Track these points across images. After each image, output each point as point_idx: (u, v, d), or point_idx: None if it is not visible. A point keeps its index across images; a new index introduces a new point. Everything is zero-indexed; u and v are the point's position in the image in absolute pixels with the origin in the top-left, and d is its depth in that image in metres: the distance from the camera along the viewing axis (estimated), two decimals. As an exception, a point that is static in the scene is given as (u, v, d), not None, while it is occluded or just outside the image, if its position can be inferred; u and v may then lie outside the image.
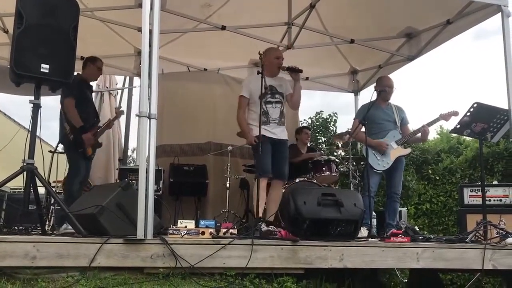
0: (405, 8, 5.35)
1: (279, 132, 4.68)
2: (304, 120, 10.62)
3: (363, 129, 5.06)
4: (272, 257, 3.24)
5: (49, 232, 4.08)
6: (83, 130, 4.76)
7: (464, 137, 8.38)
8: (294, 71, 4.63)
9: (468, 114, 4.24)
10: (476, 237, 4.05)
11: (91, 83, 5.30)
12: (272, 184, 4.72)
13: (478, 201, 5.23)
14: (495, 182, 6.14)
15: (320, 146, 10.00)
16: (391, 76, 6.32)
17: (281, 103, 4.73)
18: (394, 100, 5.45)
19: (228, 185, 5.95)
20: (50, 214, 5.22)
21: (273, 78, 4.74)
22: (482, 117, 4.26)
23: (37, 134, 3.56)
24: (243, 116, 4.74)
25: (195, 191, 6.33)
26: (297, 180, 5.56)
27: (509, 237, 3.90)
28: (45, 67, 3.40)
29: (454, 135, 9.55)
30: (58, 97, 4.90)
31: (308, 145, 6.76)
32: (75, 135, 4.75)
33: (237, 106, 4.75)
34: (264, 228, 3.87)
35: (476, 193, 5.44)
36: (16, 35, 3.36)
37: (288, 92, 4.82)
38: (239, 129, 4.87)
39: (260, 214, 4.30)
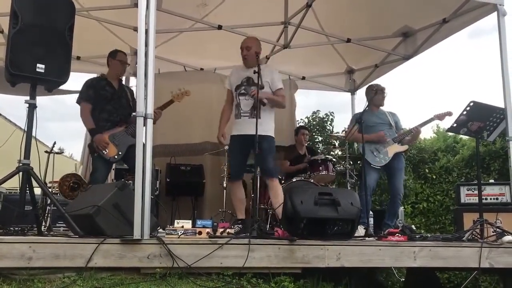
0: (401, 7, 5.37)
1: (251, 127, 4.17)
2: (301, 119, 10.61)
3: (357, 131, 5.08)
4: (269, 256, 3.24)
5: (45, 232, 4.06)
6: (96, 133, 4.55)
7: (461, 136, 8.41)
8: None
9: (465, 112, 4.25)
10: (473, 236, 4.06)
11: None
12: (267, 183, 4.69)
13: (475, 199, 5.23)
14: (492, 181, 6.16)
15: (317, 146, 10.00)
16: (387, 75, 6.37)
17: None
18: (389, 100, 5.48)
19: (225, 184, 5.93)
20: (46, 215, 5.19)
21: (249, 69, 4.51)
22: (478, 116, 4.27)
23: (33, 134, 3.54)
24: (223, 109, 4.73)
25: (192, 191, 6.32)
26: (294, 180, 5.55)
27: (505, 235, 3.91)
28: (40, 67, 3.39)
29: (450, 134, 9.59)
30: (54, 97, 4.86)
31: (306, 145, 6.75)
32: (92, 139, 4.60)
33: None
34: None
35: (473, 191, 5.45)
36: (12, 35, 3.35)
37: (269, 82, 4.52)
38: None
39: (240, 216, 4.32)
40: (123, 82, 5.08)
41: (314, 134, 10.60)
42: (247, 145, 4.40)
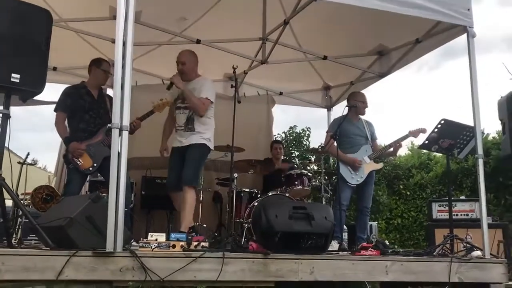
0: (376, 27, 5.49)
1: (186, 139, 4.58)
2: (278, 134, 10.73)
3: (335, 144, 5.14)
4: (243, 270, 3.24)
5: (16, 245, 3.98)
6: (70, 141, 4.47)
7: (434, 153, 8.59)
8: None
9: (436, 130, 4.36)
10: (443, 251, 4.14)
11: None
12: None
13: (446, 215, 5.35)
14: (463, 197, 6.31)
15: (294, 160, 10.08)
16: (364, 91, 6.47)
17: (188, 109, 4.65)
18: (367, 115, 5.57)
19: (201, 198, 5.92)
20: (17, 227, 5.09)
21: (188, 83, 4.70)
22: (449, 134, 4.39)
23: (6, 144, 3.49)
24: (165, 123, 4.91)
25: (167, 204, 6.25)
26: (269, 194, 5.58)
27: (474, 250, 4.00)
28: (15, 77, 3.34)
29: (424, 151, 9.79)
30: (30, 107, 4.80)
31: (282, 158, 6.81)
32: (66, 149, 4.52)
33: None
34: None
35: (444, 208, 5.58)
36: (-14, 44, 3.31)
37: (199, 92, 4.64)
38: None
39: (183, 229, 4.34)
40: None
41: (290, 149, 10.69)
42: (183, 155, 4.55)
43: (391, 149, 5.40)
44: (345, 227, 5.55)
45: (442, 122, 4.34)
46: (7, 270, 2.79)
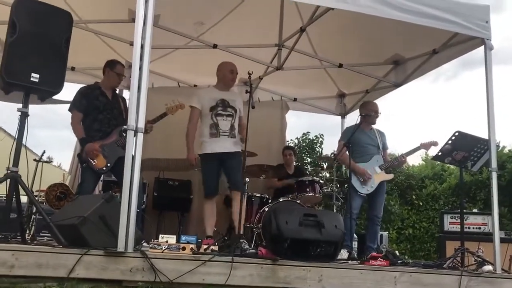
0: (393, 36, 5.48)
1: (230, 145, 4.68)
2: (291, 140, 10.72)
3: (347, 152, 5.14)
4: (252, 275, 3.25)
5: (29, 241, 4.05)
6: (86, 142, 4.52)
7: (448, 164, 8.53)
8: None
9: (450, 142, 4.34)
10: (454, 264, 4.11)
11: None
12: (232, 195, 4.74)
13: (458, 228, 5.30)
14: (476, 210, 6.25)
15: (306, 167, 10.07)
16: (377, 101, 6.45)
17: (232, 117, 4.75)
18: (380, 126, 5.57)
19: (212, 201, 5.94)
20: (31, 224, 5.16)
21: (227, 92, 4.79)
22: (463, 146, 4.36)
23: (23, 142, 3.56)
24: (193, 130, 4.78)
25: (179, 206, 6.32)
26: (280, 200, 5.59)
27: (485, 265, 3.96)
28: (35, 77, 3.42)
29: (438, 162, 9.71)
30: (46, 106, 4.87)
31: (294, 164, 6.81)
32: (81, 149, 4.57)
33: (189, 118, 4.79)
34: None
35: (456, 220, 5.53)
36: (9, 43, 3.39)
37: (239, 109, 4.84)
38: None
39: (210, 233, 4.35)
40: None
41: (303, 155, 10.68)
42: (225, 162, 4.61)
43: (397, 163, 5.43)
44: (355, 236, 5.54)
45: (456, 134, 4.31)
46: (21, 266, 2.85)
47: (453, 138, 4.32)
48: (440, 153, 4.45)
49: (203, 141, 4.69)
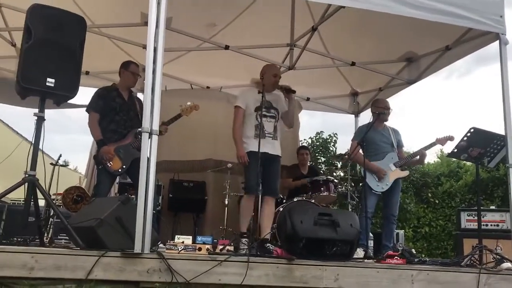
0: (405, 33, 5.45)
1: (272, 147, 4.70)
2: (304, 139, 10.72)
3: (361, 151, 5.11)
4: (268, 275, 3.26)
5: (47, 244, 4.11)
6: (103, 144, 4.56)
7: (464, 161, 8.44)
8: (288, 91, 4.69)
9: (465, 138, 4.29)
10: (472, 261, 4.07)
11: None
12: (263, 200, 4.73)
13: (475, 225, 5.24)
14: (493, 207, 6.17)
15: (320, 166, 10.04)
16: (391, 98, 6.42)
17: (275, 118, 4.76)
18: (392, 122, 5.53)
19: (227, 202, 5.97)
20: (48, 227, 5.23)
21: (270, 94, 4.78)
22: (479, 142, 4.31)
23: (40, 146, 3.61)
24: (239, 128, 4.71)
25: (194, 207, 6.35)
26: (295, 199, 5.59)
27: (504, 262, 3.91)
28: (50, 81, 3.47)
29: (454, 159, 9.62)
30: (60, 110, 4.90)
31: (309, 164, 6.80)
32: (97, 150, 4.62)
33: (234, 117, 4.76)
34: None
35: (473, 217, 5.47)
36: (24, 49, 3.44)
37: (283, 109, 4.86)
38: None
39: (244, 230, 4.34)
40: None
41: (317, 154, 10.65)
42: (266, 164, 4.59)
43: (417, 157, 5.35)
44: (371, 234, 5.51)
45: (472, 130, 4.26)
46: (40, 268, 2.89)
47: (469, 134, 4.27)
48: (455, 150, 4.40)
49: (248, 140, 4.68)
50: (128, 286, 3.04)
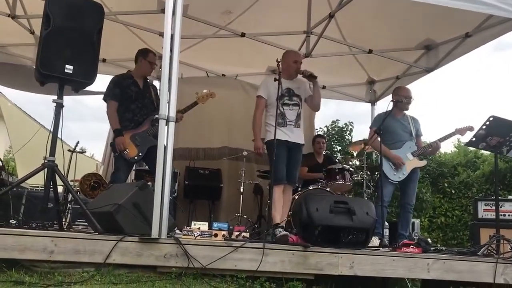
0: (424, 20, 5.37)
1: (295, 135, 4.63)
2: (320, 128, 10.67)
3: (378, 139, 5.07)
4: (283, 261, 3.28)
5: (66, 229, 4.18)
6: (119, 134, 4.57)
7: (482, 151, 8.34)
8: (310, 77, 4.64)
9: (484, 127, 4.23)
10: (489, 251, 4.03)
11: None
12: (283, 187, 4.73)
13: (492, 215, 5.18)
14: (511, 197, 6.09)
15: (335, 155, 10.01)
16: (408, 86, 6.34)
17: (298, 106, 4.70)
18: (411, 111, 5.45)
19: (242, 190, 6.00)
20: (66, 212, 5.32)
21: (291, 81, 4.72)
22: (498, 131, 4.25)
23: (59, 133, 3.66)
24: (260, 118, 4.68)
25: (209, 194, 6.40)
26: (310, 188, 5.58)
27: (522, 252, 3.88)
28: (69, 68, 3.51)
29: (471, 149, 9.50)
30: (77, 98, 4.95)
31: (324, 153, 6.78)
32: (114, 138, 4.64)
33: (255, 106, 4.73)
34: (281, 232, 3.92)
35: (491, 207, 5.41)
36: (43, 36, 3.48)
37: (307, 94, 4.80)
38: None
39: (278, 221, 4.32)
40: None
41: (332, 143, 10.61)
42: (288, 152, 4.56)
43: (430, 149, 5.28)
44: (386, 223, 5.48)
45: (491, 119, 4.20)
46: (60, 251, 2.95)
47: (487, 123, 4.21)
48: (474, 139, 4.34)
49: (270, 129, 4.66)
50: (146, 270, 3.09)
